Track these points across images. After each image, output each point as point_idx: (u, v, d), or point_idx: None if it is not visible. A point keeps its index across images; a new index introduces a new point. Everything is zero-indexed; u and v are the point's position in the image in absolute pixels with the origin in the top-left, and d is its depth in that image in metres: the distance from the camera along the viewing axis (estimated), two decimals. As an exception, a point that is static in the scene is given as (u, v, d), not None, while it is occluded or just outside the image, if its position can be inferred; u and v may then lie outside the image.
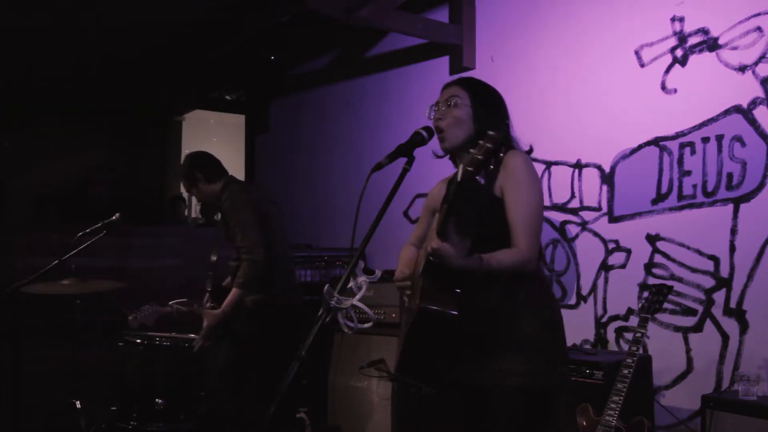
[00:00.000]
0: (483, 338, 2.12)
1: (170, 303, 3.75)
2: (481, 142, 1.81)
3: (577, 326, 3.94)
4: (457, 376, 2.16)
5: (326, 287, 1.83)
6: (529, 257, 2.11)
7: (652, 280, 3.59)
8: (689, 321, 3.49)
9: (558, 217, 4.12)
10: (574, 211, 4.03)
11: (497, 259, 2.05)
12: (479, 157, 1.79)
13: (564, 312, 4.25)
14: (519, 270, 2.12)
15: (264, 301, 3.64)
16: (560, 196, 4.10)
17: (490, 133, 1.82)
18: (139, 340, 3.57)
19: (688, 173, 3.52)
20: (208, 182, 3.80)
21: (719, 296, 3.38)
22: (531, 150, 2.33)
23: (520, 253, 2.09)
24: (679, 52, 3.58)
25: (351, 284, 1.90)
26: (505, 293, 2.13)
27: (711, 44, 3.45)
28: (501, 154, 2.19)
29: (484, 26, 4.65)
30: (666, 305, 3.36)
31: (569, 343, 3.94)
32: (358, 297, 1.85)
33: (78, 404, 3.68)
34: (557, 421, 2.17)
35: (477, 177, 1.79)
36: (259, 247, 3.51)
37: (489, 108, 2.26)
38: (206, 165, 3.84)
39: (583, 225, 3.99)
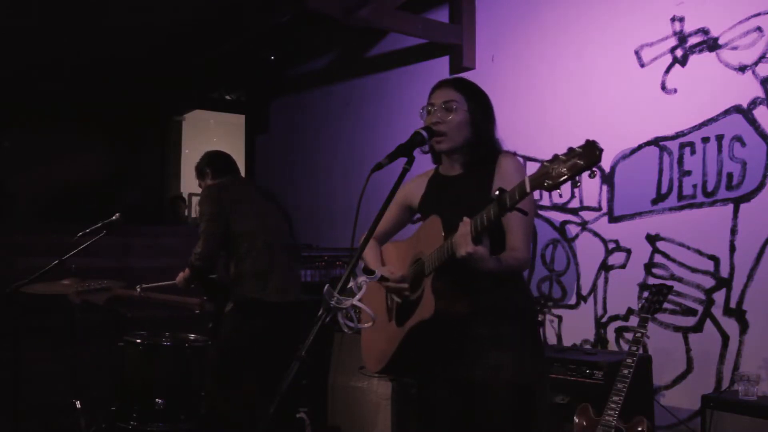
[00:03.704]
0: (475, 333, 2.14)
1: (138, 286, 3.80)
2: (563, 157, 1.61)
3: (577, 326, 3.94)
4: (450, 373, 2.19)
5: (326, 287, 1.83)
6: (528, 258, 2.17)
7: (652, 280, 3.59)
8: (689, 321, 3.49)
9: (558, 217, 4.12)
10: (574, 211, 4.03)
11: (507, 259, 2.09)
12: (564, 171, 1.60)
13: (564, 312, 4.27)
14: (520, 270, 2.19)
15: (243, 299, 3.71)
16: (560, 196, 4.10)
17: (579, 149, 1.58)
18: (139, 340, 3.57)
19: (688, 173, 3.52)
20: (213, 179, 3.95)
21: (719, 296, 3.38)
22: (515, 154, 2.35)
23: (522, 254, 2.13)
24: (679, 52, 3.58)
25: (351, 284, 1.90)
26: (497, 292, 2.16)
27: (711, 44, 3.45)
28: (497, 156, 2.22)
29: (484, 26, 4.65)
30: (666, 305, 3.36)
31: (569, 343, 3.97)
32: (358, 297, 1.85)
33: (78, 404, 3.68)
34: (543, 420, 2.19)
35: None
36: (202, 257, 3.70)
37: (483, 112, 2.27)
38: (217, 162, 4.00)
39: (583, 225, 3.99)
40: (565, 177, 1.60)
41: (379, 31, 5.31)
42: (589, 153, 1.59)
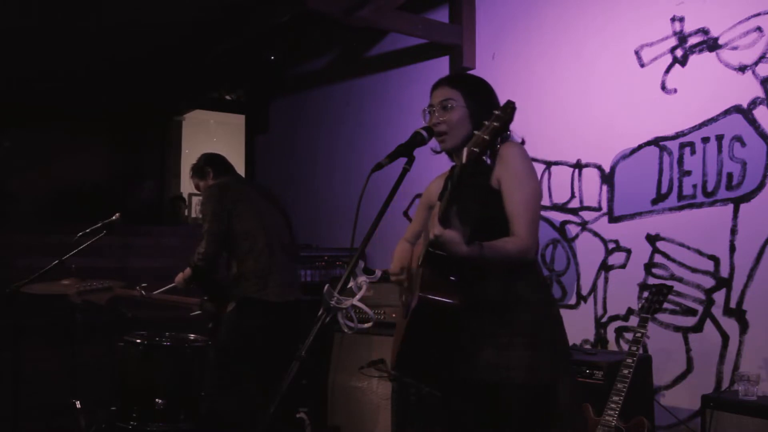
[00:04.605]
0: (482, 332, 2.10)
1: (138, 286, 3.80)
2: (486, 122, 1.73)
3: (577, 326, 3.94)
4: (458, 372, 2.14)
5: (326, 287, 1.83)
6: (529, 245, 2.08)
7: (652, 280, 3.59)
8: (689, 321, 3.49)
9: (558, 217, 4.12)
10: (574, 211, 4.03)
11: (498, 246, 2.02)
12: (485, 137, 1.71)
13: (564, 312, 4.25)
14: (519, 258, 2.09)
15: (244, 298, 3.71)
16: (560, 196, 4.10)
17: (497, 112, 1.73)
18: (139, 340, 3.57)
19: (688, 173, 3.52)
20: (214, 178, 4.01)
21: (719, 296, 3.38)
22: (523, 142, 2.32)
23: (520, 241, 2.06)
24: (679, 52, 3.58)
25: (351, 284, 1.90)
26: (504, 285, 2.11)
27: (711, 44, 3.45)
28: (498, 146, 2.17)
29: (484, 26, 4.65)
30: (666, 305, 3.36)
31: (569, 343, 3.96)
32: (358, 297, 1.85)
33: (78, 404, 3.68)
34: (565, 417, 2.14)
35: (483, 159, 1.70)
36: (206, 257, 3.73)
37: (483, 103, 2.25)
38: (217, 163, 4.07)
39: (583, 225, 3.99)
40: (487, 140, 1.71)
41: (379, 31, 5.31)
42: (505, 114, 1.71)
